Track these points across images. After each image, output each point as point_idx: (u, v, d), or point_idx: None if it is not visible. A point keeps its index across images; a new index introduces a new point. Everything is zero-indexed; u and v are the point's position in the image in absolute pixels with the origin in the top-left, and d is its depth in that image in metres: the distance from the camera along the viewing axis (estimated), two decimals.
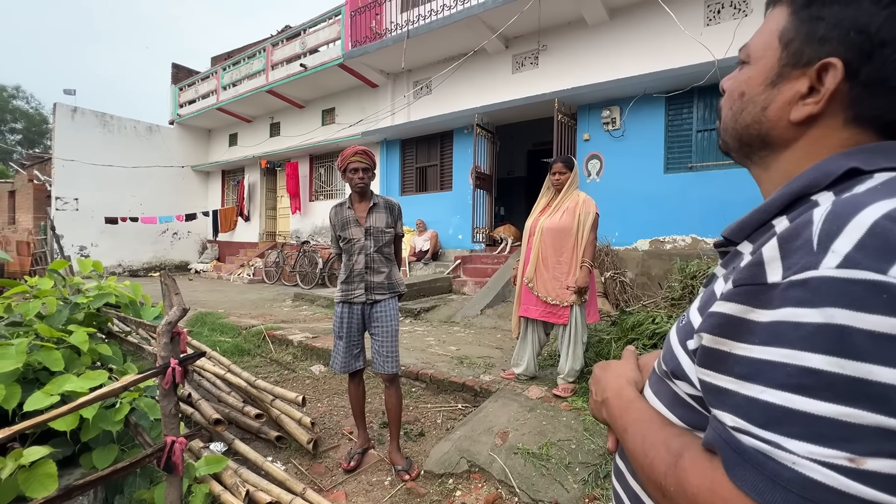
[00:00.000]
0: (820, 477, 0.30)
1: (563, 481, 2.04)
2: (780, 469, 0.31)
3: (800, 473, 0.30)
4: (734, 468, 0.34)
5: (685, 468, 0.38)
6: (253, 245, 12.27)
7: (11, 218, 14.34)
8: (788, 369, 0.32)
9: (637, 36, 6.39)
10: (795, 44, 0.42)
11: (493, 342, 4.41)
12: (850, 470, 0.29)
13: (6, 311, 2.02)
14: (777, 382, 0.32)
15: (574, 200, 2.94)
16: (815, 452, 0.30)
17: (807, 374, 0.31)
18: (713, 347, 0.39)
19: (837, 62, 0.39)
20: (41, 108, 32.93)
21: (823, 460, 0.30)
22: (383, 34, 8.50)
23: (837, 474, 0.29)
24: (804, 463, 0.30)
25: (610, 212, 6.39)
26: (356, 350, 2.35)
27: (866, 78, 0.39)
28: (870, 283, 0.30)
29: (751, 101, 0.47)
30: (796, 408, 0.31)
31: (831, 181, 0.38)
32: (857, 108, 0.40)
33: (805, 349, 0.31)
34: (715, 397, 0.38)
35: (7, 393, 1.49)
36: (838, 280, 0.31)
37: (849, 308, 0.30)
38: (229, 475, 1.93)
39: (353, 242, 2.30)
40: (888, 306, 0.29)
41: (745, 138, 0.48)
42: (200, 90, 13.05)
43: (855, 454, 0.29)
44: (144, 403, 1.80)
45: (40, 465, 1.38)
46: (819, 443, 0.30)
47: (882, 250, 0.31)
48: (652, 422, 0.46)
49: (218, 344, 4.26)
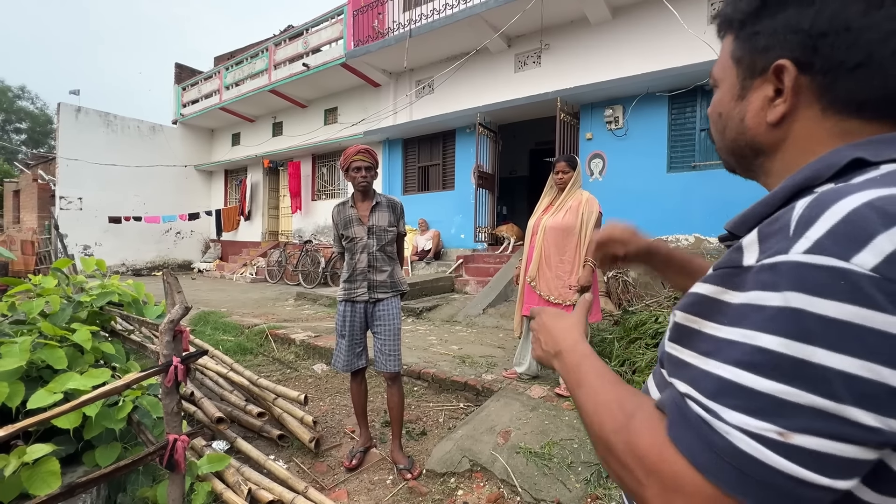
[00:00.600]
0: (746, 447, 0.32)
1: (566, 481, 2.04)
2: (713, 436, 0.33)
3: (730, 442, 0.32)
4: (675, 429, 0.36)
5: (637, 428, 0.39)
6: (255, 244, 12.30)
7: (16, 217, 14.43)
8: (743, 348, 0.33)
9: (640, 34, 6.36)
10: (746, 59, 0.46)
11: (496, 341, 4.40)
12: (776, 443, 0.31)
13: (10, 310, 2.03)
14: (731, 359, 0.34)
15: (577, 199, 2.94)
16: (748, 424, 0.32)
17: (757, 352, 0.33)
18: (684, 324, 0.41)
19: (786, 62, 0.42)
20: (46, 108, 33.12)
21: (754, 432, 0.32)
22: (385, 33, 8.50)
23: (763, 446, 0.31)
24: (735, 433, 0.32)
25: (613, 211, 6.35)
26: (358, 349, 2.35)
27: (821, 67, 0.41)
28: (831, 270, 0.31)
29: (728, 118, 0.50)
30: (741, 382, 0.33)
31: (834, 172, 0.39)
32: (827, 95, 0.42)
33: (761, 330, 0.33)
34: (675, 368, 0.40)
35: (11, 391, 1.49)
36: (802, 265, 0.32)
37: (806, 292, 0.31)
38: (231, 473, 1.94)
39: (356, 241, 2.30)
40: (844, 293, 0.30)
41: (737, 151, 0.51)
42: (203, 90, 13.09)
43: (785, 429, 0.31)
44: (147, 401, 1.80)
45: (43, 463, 1.38)
46: (754, 416, 0.32)
47: (851, 237, 0.31)
48: (605, 379, 0.47)
49: (220, 343, 4.28)
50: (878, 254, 0.30)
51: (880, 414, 0.30)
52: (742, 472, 0.32)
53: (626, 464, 0.39)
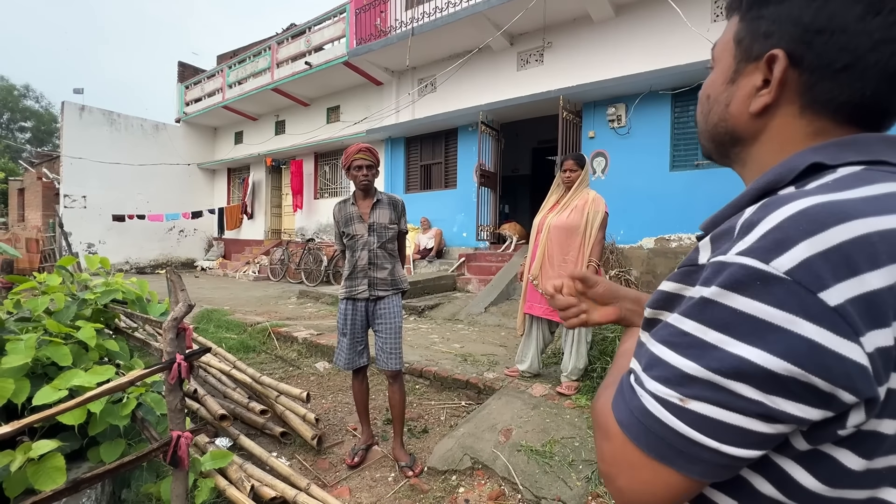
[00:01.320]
0: (651, 408, 0.38)
1: (567, 479, 2.04)
2: (632, 398, 0.41)
3: (642, 403, 0.39)
4: (616, 395, 0.44)
5: (602, 395, 0.48)
6: (258, 242, 12.33)
7: (21, 215, 14.51)
8: (672, 329, 0.39)
9: (643, 32, 6.34)
10: (746, 41, 0.47)
11: (497, 340, 4.41)
12: (676, 407, 0.37)
13: (15, 307, 2.04)
14: (661, 338, 0.40)
15: (583, 199, 2.91)
16: (658, 389, 0.38)
17: (679, 334, 0.38)
18: (651, 318, 0.46)
19: (780, 52, 0.43)
20: (50, 106, 33.25)
21: (660, 395, 0.38)
22: (388, 32, 8.49)
23: (663, 408, 0.38)
24: (647, 397, 0.39)
25: (615, 210, 6.32)
26: (360, 347, 2.36)
27: (810, 64, 0.42)
28: (750, 270, 0.35)
29: (715, 101, 0.51)
30: (662, 357, 0.39)
31: (794, 176, 0.41)
32: (808, 94, 0.43)
33: (686, 316, 0.38)
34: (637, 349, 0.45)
35: (16, 387, 1.51)
36: (730, 265, 0.36)
37: (727, 288, 0.36)
38: (234, 470, 1.95)
39: (357, 239, 2.30)
40: (755, 291, 0.34)
41: (717, 137, 0.52)
42: (206, 88, 13.11)
43: (684, 396, 0.37)
44: (151, 398, 1.81)
45: (49, 459, 1.40)
46: (664, 384, 0.38)
47: (777, 242, 0.35)
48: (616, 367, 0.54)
49: (223, 340, 4.30)
50: (794, 258, 0.34)
51: (762, 391, 0.34)
52: (646, 427, 0.39)
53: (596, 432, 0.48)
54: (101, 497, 1.69)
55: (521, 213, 9.94)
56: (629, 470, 0.40)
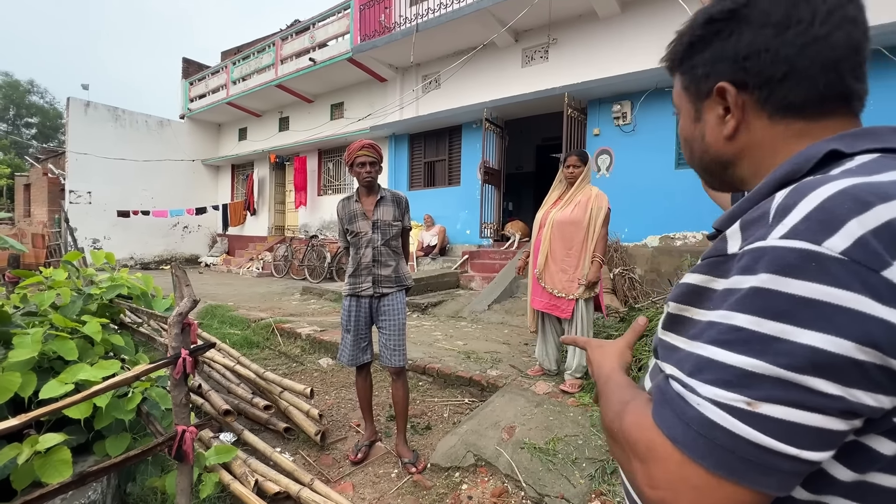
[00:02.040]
0: (714, 416, 0.34)
1: (570, 476, 2.04)
2: (686, 408, 0.36)
3: (700, 412, 0.35)
4: (657, 407, 0.39)
5: (628, 412, 0.43)
6: (262, 239, 12.36)
7: (27, 211, 14.61)
8: (720, 327, 0.36)
9: (649, 29, 6.29)
10: (692, 87, 0.53)
11: (501, 337, 4.40)
12: (744, 412, 0.33)
13: (22, 302, 2.06)
14: (709, 339, 0.37)
15: (586, 195, 2.93)
16: (719, 395, 0.34)
17: (732, 331, 0.35)
18: (677, 314, 0.44)
19: (724, 84, 0.48)
20: (55, 102, 33.42)
21: (724, 402, 0.34)
22: (392, 28, 8.47)
23: (730, 416, 0.33)
24: (706, 404, 0.35)
25: (620, 208, 6.29)
26: (364, 343, 2.36)
27: (755, 83, 0.46)
28: (802, 252, 0.33)
29: (692, 140, 0.55)
30: (715, 358, 0.35)
31: (812, 165, 0.41)
32: (768, 105, 0.46)
33: (735, 310, 0.35)
34: (666, 353, 0.43)
35: (23, 381, 1.52)
36: (777, 248, 0.34)
37: (778, 274, 0.34)
38: (238, 465, 1.96)
39: (361, 236, 2.30)
40: (813, 273, 0.32)
41: (708, 167, 0.55)
42: (210, 84, 13.13)
43: (752, 398, 0.33)
44: (156, 393, 1.82)
45: (55, 452, 1.41)
46: (724, 387, 0.34)
47: (824, 223, 0.33)
48: (619, 385, 0.51)
49: (227, 336, 4.31)
50: (848, 238, 0.32)
51: (841, 383, 0.31)
52: (709, 439, 0.34)
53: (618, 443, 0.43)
54: (107, 490, 1.70)
55: (524, 210, 9.91)
56: (693, 493, 0.35)
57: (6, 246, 1.94)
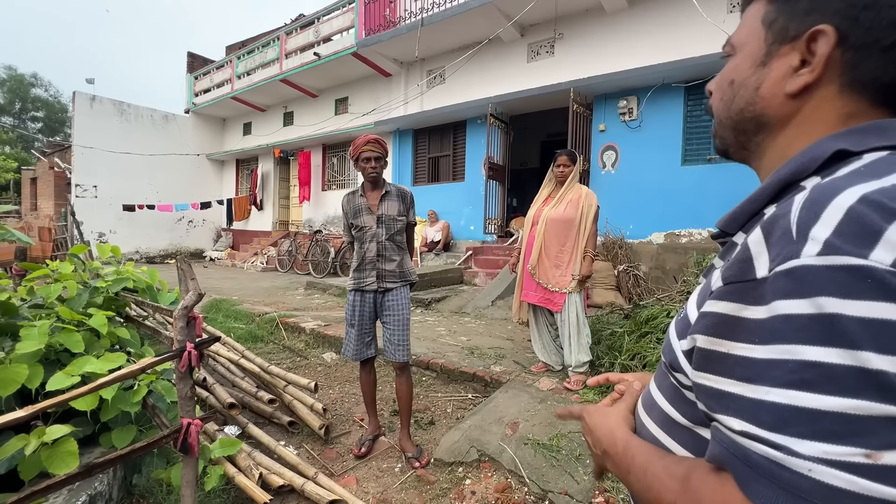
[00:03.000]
0: (838, 482, 0.28)
1: (574, 473, 2.04)
2: (795, 479, 0.29)
3: (817, 481, 0.28)
4: (748, 483, 0.32)
5: (696, 490, 0.36)
6: (266, 234, 12.40)
7: (33, 204, 14.70)
8: (790, 365, 0.31)
9: (657, 23, 6.22)
10: (780, 22, 0.44)
11: (504, 333, 4.40)
12: (866, 467, 0.28)
13: (29, 294, 2.07)
14: (780, 381, 0.31)
15: (577, 193, 3.04)
16: (829, 452, 0.28)
17: (808, 367, 0.30)
18: (710, 349, 0.37)
19: (828, 28, 0.40)
20: (59, 95, 33.55)
21: (838, 460, 0.28)
22: (397, 22, 8.42)
23: (854, 476, 0.28)
24: (820, 469, 0.28)
25: (625, 204, 6.31)
26: (368, 338, 2.36)
27: (856, 41, 0.39)
28: (853, 269, 0.30)
29: (742, 86, 0.48)
30: (803, 405, 0.30)
31: (818, 165, 0.39)
32: (851, 72, 0.40)
33: (802, 342, 0.30)
34: (717, 402, 0.36)
35: (30, 373, 1.53)
36: (821, 268, 0.31)
37: (836, 296, 0.30)
38: (243, 458, 1.97)
39: (366, 230, 2.30)
40: (874, 291, 0.29)
41: (741, 124, 0.48)
42: (215, 79, 13.13)
43: (870, 448, 0.28)
44: (161, 386, 1.83)
45: (62, 443, 1.42)
46: (831, 441, 0.28)
47: (860, 234, 0.30)
48: (650, 455, 0.45)
49: (232, 330, 4.34)
50: (893, 248, 0.29)
51: None
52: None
53: None
54: (113, 482, 1.72)
55: (528, 206, 9.86)
56: None
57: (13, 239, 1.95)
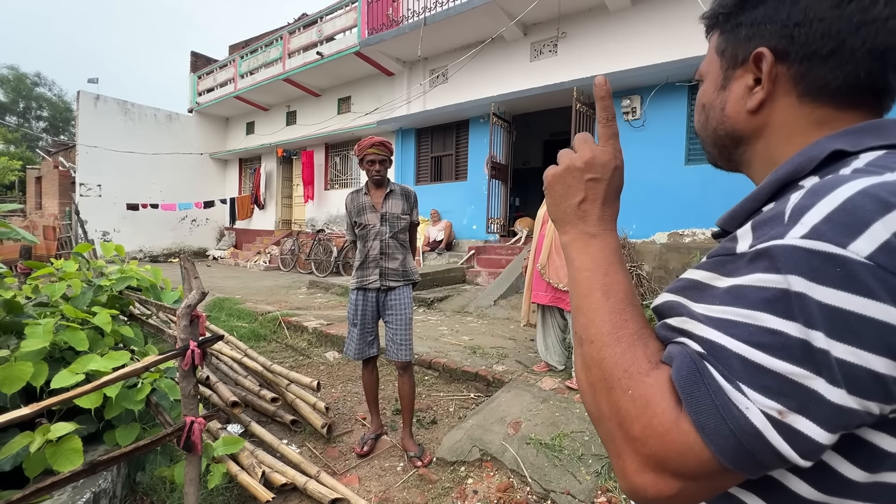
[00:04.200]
0: (759, 424, 0.33)
1: (576, 472, 2.04)
2: (730, 405, 0.34)
3: (745, 416, 0.33)
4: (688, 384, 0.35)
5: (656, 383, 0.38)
6: (269, 233, 12.42)
7: (38, 203, 14.77)
8: (749, 327, 0.34)
9: (660, 22, 6.20)
10: (729, 50, 0.49)
11: (507, 333, 4.40)
12: (775, 420, 0.32)
13: (34, 292, 2.08)
14: (737, 336, 0.34)
15: None
16: (758, 401, 0.33)
17: (767, 333, 0.33)
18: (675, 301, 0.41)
19: (764, 49, 0.45)
20: (64, 95, 33.69)
21: (764, 410, 0.33)
22: (400, 21, 8.41)
23: (768, 423, 0.32)
24: (753, 409, 0.33)
25: (627, 204, 6.19)
26: (370, 337, 2.37)
27: (797, 55, 0.43)
28: (827, 256, 0.32)
29: (711, 108, 0.52)
30: (752, 359, 0.33)
31: (816, 165, 0.40)
32: (803, 83, 0.44)
33: (766, 311, 0.33)
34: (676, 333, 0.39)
35: (35, 370, 1.54)
36: (800, 249, 0.33)
37: (805, 277, 0.32)
38: (246, 456, 1.98)
39: (369, 228, 2.31)
40: (840, 280, 0.31)
41: (719, 141, 0.52)
42: (219, 78, 13.16)
43: (785, 408, 0.32)
44: (165, 384, 1.84)
45: (66, 441, 1.43)
46: (762, 393, 0.33)
47: (847, 224, 0.32)
48: (636, 305, 0.44)
49: (235, 329, 4.35)
50: (874, 241, 0.31)
51: (859, 396, 0.31)
52: (742, 444, 0.33)
53: (621, 410, 0.39)
54: (117, 479, 1.73)
55: (531, 206, 9.86)
56: (701, 488, 0.36)
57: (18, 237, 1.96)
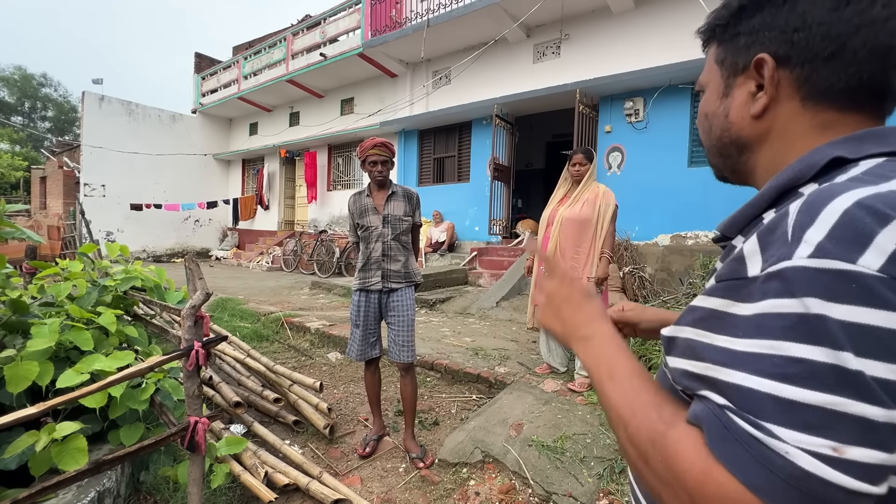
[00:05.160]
0: (808, 466, 0.30)
1: (578, 475, 2.04)
2: (770, 454, 0.32)
3: (790, 461, 0.31)
4: (720, 444, 0.34)
5: (677, 440, 0.37)
6: (272, 233, 12.46)
7: (43, 203, 14.86)
8: (774, 359, 0.33)
9: (664, 24, 6.20)
10: (729, 58, 0.50)
11: (509, 334, 4.39)
12: (832, 459, 0.30)
13: (39, 292, 2.09)
14: (763, 372, 0.33)
15: (594, 192, 2.93)
16: (802, 441, 0.31)
17: (792, 363, 0.32)
18: (695, 339, 0.40)
19: (765, 55, 0.45)
20: (69, 95, 33.89)
21: (812, 449, 0.30)
22: (403, 23, 8.44)
23: (822, 464, 0.30)
24: (796, 452, 0.31)
25: (630, 206, 6.27)
26: (372, 338, 2.37)
27: (798, 59, 0.43)
28: (841, 273, 0.31)
29: (714, 116, 0.52)
30: (784, 396, 0.32)
31: (816, 172, 0.40)
32: (806, 86, 0.44)
33: (788, 339, 0.32)
34: (700, 382, 0.38)
35: (41, 370, 1.55)
36: (811, 270, 0.32)
37: (823, 298, 0.31)
38: (249, 456, 1.98)
39: (371, 230, 2.31)
40: (857, 296, 0.31)
41: (723, 150, 0.53)
42: (222, 79, 13.22)
43: (838, 443, 0.30)
44: (169, 384, 1.85)
45: (71, 440, 1.43)
46: (806, 431, 0.31)
47: (851, 239, 0.32)
48: (642, 379, 0.45)
49: (238, 329, 4.36)
50: (881, 254, 0.31)
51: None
52: (801, 492, 0.31)
53: (662, 477, 0.38)
54: (121, 478, 1.74)
55: (534, 207, 9.87)
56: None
57: (24, 237, 1.97)
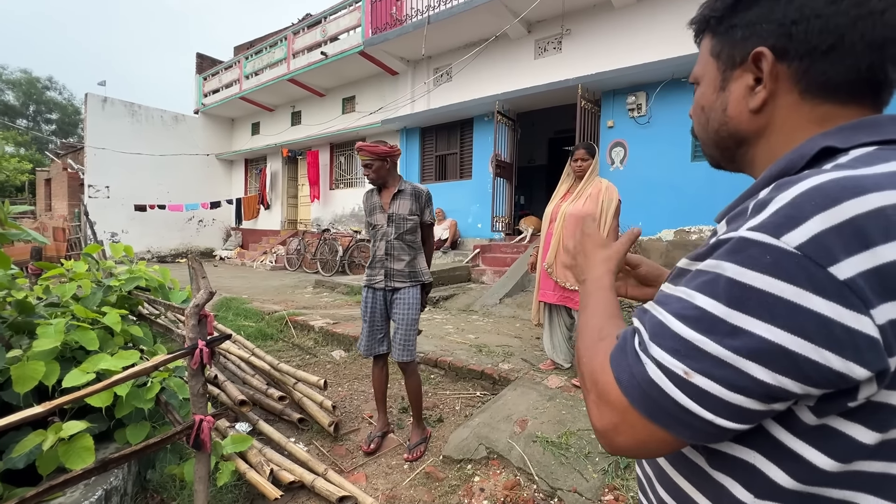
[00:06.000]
0: (654, 376, 0.39)
1: (583, 471, 2.03)
2: (635, 362, 0.41)
3: (645, 370, 0.40)
4: (616, 352, 0.44)
5: (600, 349, 0.46)
6: (275, 233, 12.49)
7: (48, 205, 14.96)
8: (684, 303, 0.40)
9: (666, 18, 6.15)
10: (725, 51, 0.49)
11: (512, 331, 4.39)
12: (679, 378, 0.38)
13: (45, 293, 2.11)
14: (672, 310, 0.40)
15: (597, 187, 2.92)
16: (664, 359, 0.39)
17: (691, 308, 0.39)
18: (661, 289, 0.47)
19: (763, 49, 0.45)
20: (73, 98, 34.06)
21: (665, 365, 0.38)
22: (403, 21, 8.42)
23: (667, 378, 0.38)
24: (650, 364, 0.39)
25: (634, 201, 6.24)
26: (379, 335, 2.38)
27: (797, 52, 0.43)
28: (761, 245, 0.35)
29: (711, 110, 0.52)
30: (672, 328, 0.39)
31: (806, 162, 0.41)
32: (804, 80, 0.44)
33: (701, 291, 0.39)
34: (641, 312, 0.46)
35: (47, 370, 1.56)
36: (741, 239, 0.37)
37: (737, 263, 0.36)
38: (254, 454, 1.99)
39: (378, 228, 2.33)
40: (766, 266, 0.35)
41: (721, 143, 0.53)
42: (224, 79, 13.23)
43: (690, 369, 0.37)
44: (174, 383, 1.86)
45: (78, 439, 1.45)
46: (672, 354, 0.38)
47: (787, 217, 0.35)
48: (605, 308, 0.54)
49: (242, 328, 4.38)
50: (806, 233, 0.34)
51: (771, 370, 0.34)
52: (647, 394, 0.39)
53: (584, 375, 0.47)
54: (128, 477, 1.75)
55: (536, 204, 9.84)
56: (629, 430, 0.41)
57: (29, 239, 1.98)
